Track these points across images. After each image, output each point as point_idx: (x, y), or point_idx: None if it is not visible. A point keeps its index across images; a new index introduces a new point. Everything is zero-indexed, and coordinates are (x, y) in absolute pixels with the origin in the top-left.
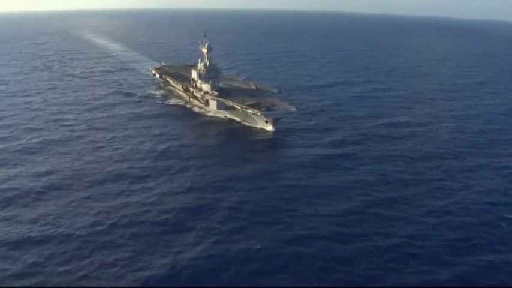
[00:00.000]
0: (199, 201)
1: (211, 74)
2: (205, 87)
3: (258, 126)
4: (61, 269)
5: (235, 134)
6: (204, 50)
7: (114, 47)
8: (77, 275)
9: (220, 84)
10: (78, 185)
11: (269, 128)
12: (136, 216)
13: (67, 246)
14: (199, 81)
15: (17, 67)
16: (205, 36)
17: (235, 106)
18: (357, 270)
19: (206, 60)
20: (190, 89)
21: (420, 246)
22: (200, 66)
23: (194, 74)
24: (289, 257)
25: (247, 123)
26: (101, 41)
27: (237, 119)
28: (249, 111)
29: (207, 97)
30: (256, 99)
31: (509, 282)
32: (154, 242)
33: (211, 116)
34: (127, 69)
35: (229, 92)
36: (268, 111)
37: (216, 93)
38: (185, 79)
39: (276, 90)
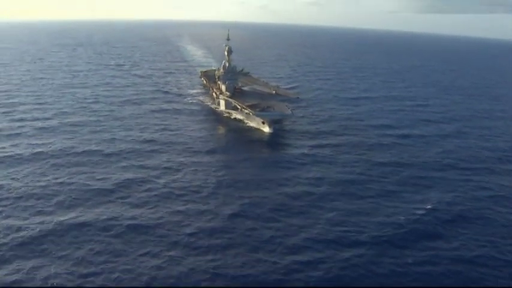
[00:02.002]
0: (141, 175)
1: (228, 76)
2: (223, 87)
3: (258, 126)
4: None
5: (231, 131)
6: (225, 53)
7: (196, 52)
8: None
9: (247, 88)
10: (58, 155)
11: (266, 129)
12: (82, 179)
13: (10, 193)
14: (219, 82)
15: (96, 64)
16: (228, 39)
17: (237, 106)
18: (217, 242)
19: (226, 62)
20: (214, 89)
21: (295, 235)
22: (220, 67)
23: (216, 75)
24: (171, 223)
25: (249, 123)
26: (190, 47)
27: (242, 118)
28: (245, 111)
29: (220, 97)
30: (258, 100)
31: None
32: (79, 198)
33: (223, 115)
34: (187, 72)
35: (244, 94)
36: (262, 111)
37: (228, 93)
38: None
39: (294, 96)
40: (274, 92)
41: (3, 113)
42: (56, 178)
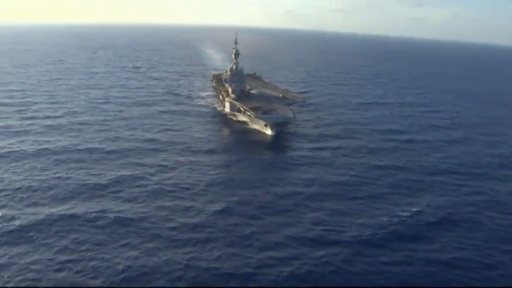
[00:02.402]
0: (136, 172)
1: (234, 78)
2: (229, 90)
3: (261, 129)
4: None
5: (234, 133)
6: (232, 56)
7: (215, 56)
8: None
9: (255, 91)
10: (61, 152)
11: (268, 131)
12: (80, 175)
13: (9, 186)
14: (226, 85)
15: (114, 67)
16: (236, 42)
17: (241, 108)
18: (197, 236)
19: (233, 65)
20: (222, 91)
21: (274, 232)
22: (228, 70)
23: (224, 78)
24: (155, 217)
25: (253, 126)
26: (210, 51)
27: (245, 120)
28: (248, 113)
29: (226, 99)
30: (263, 103)
31: None
32: (73, 192)
33: (228, 117)
34: (202, 75)
35: (251, 96)
36: (265, 114)
37: (233, 96)
38: None
39: (301, 100)
40: (280, 95)
41: (16, 111)
42: (55, 173)
